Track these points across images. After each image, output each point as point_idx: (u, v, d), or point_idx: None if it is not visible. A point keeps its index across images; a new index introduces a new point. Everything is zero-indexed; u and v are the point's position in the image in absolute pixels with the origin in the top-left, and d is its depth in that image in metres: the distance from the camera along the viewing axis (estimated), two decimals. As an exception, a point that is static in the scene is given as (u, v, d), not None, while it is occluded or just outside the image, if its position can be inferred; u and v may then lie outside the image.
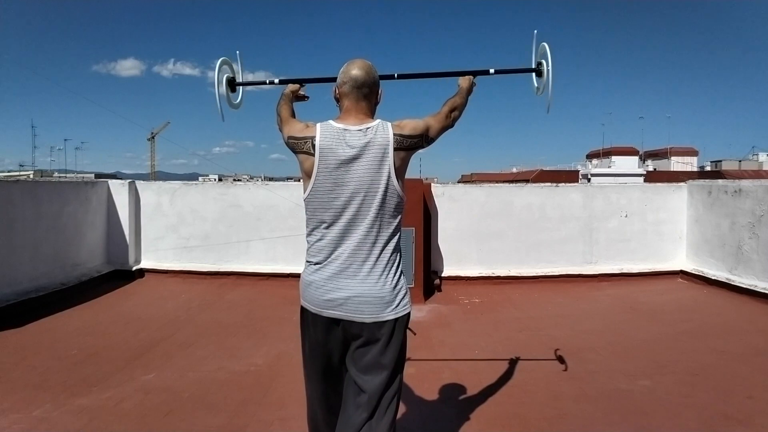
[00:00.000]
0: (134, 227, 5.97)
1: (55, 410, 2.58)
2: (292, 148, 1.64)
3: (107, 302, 4.86)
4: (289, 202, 5.56)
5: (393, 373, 1.56)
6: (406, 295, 1.59)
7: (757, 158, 55.80)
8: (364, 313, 1.52)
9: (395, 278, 1.57)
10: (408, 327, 1.62)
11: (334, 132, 1.57)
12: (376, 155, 1.53)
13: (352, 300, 1.52)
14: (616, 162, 46.63)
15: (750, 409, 2.60)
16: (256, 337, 3.82)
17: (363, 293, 1.52)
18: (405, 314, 1.58)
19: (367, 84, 1.63)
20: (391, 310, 1.54)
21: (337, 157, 1.53)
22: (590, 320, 4.34)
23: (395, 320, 1.55)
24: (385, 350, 1.54)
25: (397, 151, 1.56)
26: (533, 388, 2.87)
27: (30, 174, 38.32)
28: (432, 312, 4.60)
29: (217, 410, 2.62)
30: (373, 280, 1.53)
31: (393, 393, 1.57)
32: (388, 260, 1.56)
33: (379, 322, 1.53)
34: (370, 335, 1.53)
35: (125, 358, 3.34)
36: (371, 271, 1.53)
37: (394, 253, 1.59)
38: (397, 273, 1.58)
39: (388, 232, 1.56)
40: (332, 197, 1.54)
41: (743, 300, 4.78)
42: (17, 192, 4.64)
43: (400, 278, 1.59)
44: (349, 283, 1.52)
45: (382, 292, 1.53)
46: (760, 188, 4.94)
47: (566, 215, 5.86)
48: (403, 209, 1.62)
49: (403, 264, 1.64)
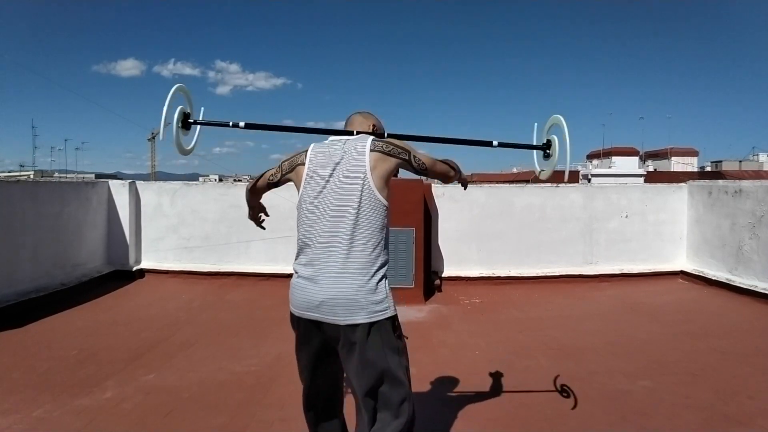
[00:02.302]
0: (135, 227, 5.97)
1: (55, 411, 2.58)
2: (290, 166, 1.75)
3: (107, 303, 4.87)
4: (290, 202, 5.51)
5: (383, 375, 1.54)
6: (385, 300, 1.55)
7: (758, 159, 55.69)
8: (338, 315, 1.52)
9: (372, 281, 1.54)
10: (393, 332, 1.57)
11: (322, 145, 1.71)
12: (354, 158, 1.61)
13: (327, 302, 1.53)
14: (617, 162, 46.59)
15: (750, 410, 2.60)
16: (257, 337, 3.82)
17: (336, 296, 1.52)
18: (383, 319, 1.54)
19: (362, 113, 1.85)
20: (365, 314, 1.51)
21: (323, 164, 1.64)
22: (590, 320, 4.34)
23: (371, 324, 1.52)
24: (364, 354, 1.52)
25: (373, 152, 1.60)
26: (533, 388, 2.87)
27: (30, 174, 38.31)
28: (432, 312, 4.60)
29: (218, 410, 2.62)
30: (347, 283, 1.52)
31: (393, 395, 1.54)
32: (364, 263, 1.54)
33: (351, 325, 1.51)
34: (345, 338, 1.54)
35: (125, 358, 3.34)
36: (344, 274, 1.53)
37: (374, 256, 1.56)
38: (374, 276, 1.54)
39: (365, 235, 1.56)
40: (316, 203, 1.61)
41: (743, 300, 4.78)
42: (18, 192, 4.65)
43: (380, 282, 1.55)
44: (324, 286, 1.54)
45: (356, 295, 1.51)
46: (761, 189, 4.94)
47: (566, 216, 5.86)
48: (385, 212, 1.61)
49: (405, 264, 1.65)
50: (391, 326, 1.57)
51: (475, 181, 23.63)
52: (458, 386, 2.89)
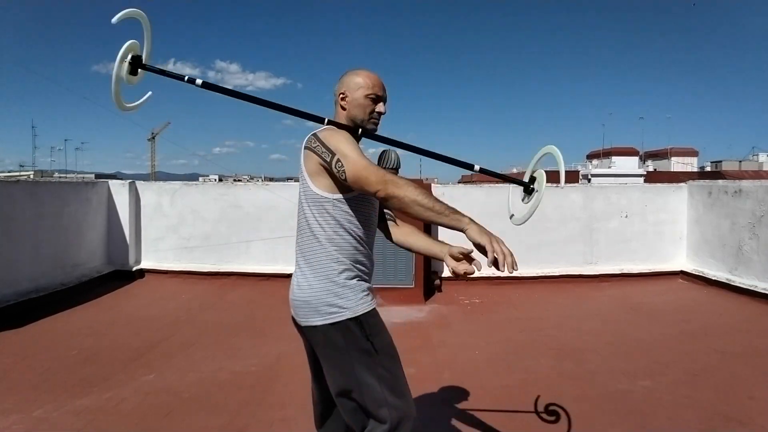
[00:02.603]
0: (134, 227, 5.97)
1: (55, 411, 2.58)
2: None
3: (107, 303, 4.87)
4: (290, 202, 5.56)
5: (344, 378, 1.48)
6: (346, 299, 1.47)
7: (757, 159, 55.76)
8: (299, 316, 1.53)
9: (326, 281, 1.47)
10: (362, 332, 1.46)
11: None
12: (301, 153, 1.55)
13: (292, 302, 1.55)
14: (617, 162, 46.65)
15: (750, 410, 2.60)
16: (257, 337, 3.82)
17: (295, 296, 1.53)
18: (337, 322, 1.45)
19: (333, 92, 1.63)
20: (319, 316, 1.47)
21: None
22: (590, 320, 4.35)
23: (328, 326, 1.46)
24: (324, 355, 1.51)
25: (305, 149, 1.51)
26: (533, 388, 2.87)
27: (30, 174, 38.25)
28: (432, 312, 4.60)
29: (218, 411, 2.62)
30: (302, 282, 1.51)
31: (350, 404, 1.49)
32: (315, 263, 1.49)
33: (309, 326, 1.49)
34: (310, 339, 1.53)
35: (125, 358, 3.34)
36: (300, 272, 1.53)
37: (324, 255, 1.48)
38: (329, 274, 1.47)
39: (314, 233, 1.49)
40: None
41: (743, 300, 4.78)
42: (18, 192, 4.65)
43: (338, 280, 1.47)
44: (292, 284, 1.57)
45: (308, 296, 1.48)
46: (761, 189, 4.95)
47: (566, 216, 5.86)
48: (335, 203, 1.47)
49: (405, 264, 1.63)
50: (357, 327, 1.46)
51: (474, 180, 23.62)
52: (458, 386, 2.89)
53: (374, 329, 1.49)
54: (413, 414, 1.52)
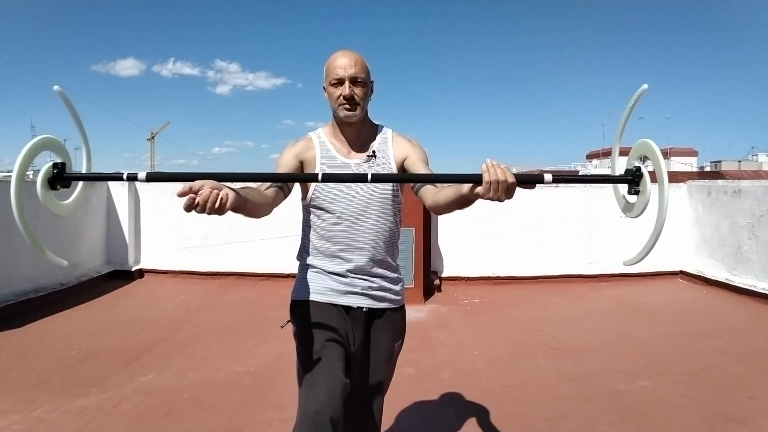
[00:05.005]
0: (134, 227, 5.97)
1: (54, 411, 2.58)
2: None
3: (107, 302, 4.86)
4: (289, 202, 5.55)
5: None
6: (293, 291, 1.60)
7: (757, 159, 55.80)
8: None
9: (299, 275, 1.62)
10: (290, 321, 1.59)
11: None
12: None
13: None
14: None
15: (750, 410, 2.60)
16: (256, 337, 3.81)
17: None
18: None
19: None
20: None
21: None
22: (590, 320, 4.35)
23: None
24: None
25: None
26: (533, 388, 2.87)
27: (30, 174, 38.19)
28: (432, 312, 4.60)
29: (217, 411, 2.61)
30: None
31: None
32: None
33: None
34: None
35: (125, 358, 3.34)
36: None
37: (299, 249, 1.66)
38: (300, 271, 1.63)
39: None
40: None
41: (743, 300, 4.78)
42: (17, 192, 4.64)
43: (300, 276, 1.62)
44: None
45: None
46: (760, 189, 4.95)
47: (566, 216, 5.86)
48: (304, 206, 1.65)
49: (403, 264, 1.67)
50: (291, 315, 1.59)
51: (474, 181, 23.48)
52: (458, 386, 2.88)
53: (297, 324, 1.60)
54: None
